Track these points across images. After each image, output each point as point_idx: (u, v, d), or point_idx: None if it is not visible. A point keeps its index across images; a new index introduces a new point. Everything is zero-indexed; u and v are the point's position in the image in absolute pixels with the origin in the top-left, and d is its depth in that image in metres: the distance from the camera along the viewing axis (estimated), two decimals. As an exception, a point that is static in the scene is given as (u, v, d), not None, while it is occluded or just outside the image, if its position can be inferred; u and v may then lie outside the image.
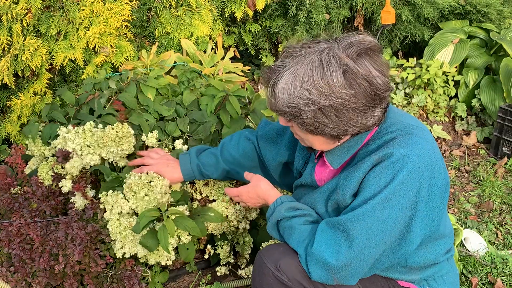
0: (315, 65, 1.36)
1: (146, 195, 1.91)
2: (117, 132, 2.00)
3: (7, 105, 2.88)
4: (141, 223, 1.86)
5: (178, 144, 2.17)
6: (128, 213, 1.94)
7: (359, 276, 1.46)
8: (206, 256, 2.22)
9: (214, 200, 2.20)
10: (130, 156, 2.12)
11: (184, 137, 2.24)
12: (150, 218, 1.87)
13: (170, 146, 2.21)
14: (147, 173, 1.95)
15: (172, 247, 1.92)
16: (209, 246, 2.21)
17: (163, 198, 1.95)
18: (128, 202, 1.91)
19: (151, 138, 2.11)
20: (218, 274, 2.20)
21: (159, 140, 2.19)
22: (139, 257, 1.94)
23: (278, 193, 1.69)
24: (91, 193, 2.05)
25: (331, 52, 1.37)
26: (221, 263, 2.22)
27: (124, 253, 1.90)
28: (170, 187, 2.01)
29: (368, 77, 1.36)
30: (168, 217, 1.90)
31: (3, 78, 2.60)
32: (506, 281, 2.37)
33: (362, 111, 1.39)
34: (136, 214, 1.92)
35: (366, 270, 1.46)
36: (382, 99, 1.41)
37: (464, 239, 2.58)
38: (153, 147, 2.12)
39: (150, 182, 1.93)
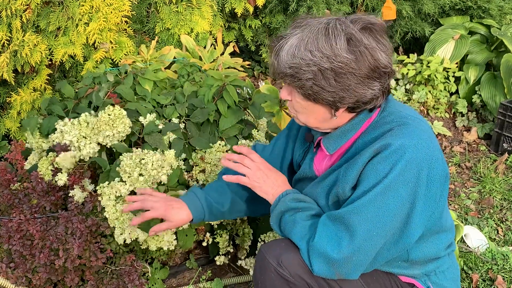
0: (321, 30, 1.41)
1: (140, 174, 1.90)
2: (109, 115, 2.00)
3: (7, 101, 2.88)
4: None
5: (175, 120, 2.17)
6: (124, 200, 1.94)
7: (361, 270, 1.45)
8: (204, 244, 2.20)
9: None
10: (126, 141, 2.12)
11: (182, 120, 2.23)
12: None
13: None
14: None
15: (171, 231, 1.91)
16: (208, 234, 2.20)
17: (159, 174, 1.93)
18: (125, 184, 1.90)
19: (149, 118, 2.11)
20: (217, 263, 2.19)
21: (157, 125, 2.18)
22: (140, 242, 1.93)
23: (289, 186, 1.69)
24: (90, 187, 2.05)
25: (338, 21, 1.43)
26: (220, 253, 2.22)
27: (125, 239, 1.90)
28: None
29: (371, 49, 1.40)
30: None
31: (2, 74, 2.60)
32: (506, 277, 2.37)
33: (361, 79, 1.41)
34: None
35: (368, 263, 1.45)
36: (381, 75, 1.44)
37: (464, 235, 2.58)
38: (152, 131, 2.10)
39: (141, 160, 1.92)
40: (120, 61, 2.89)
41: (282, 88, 1.55)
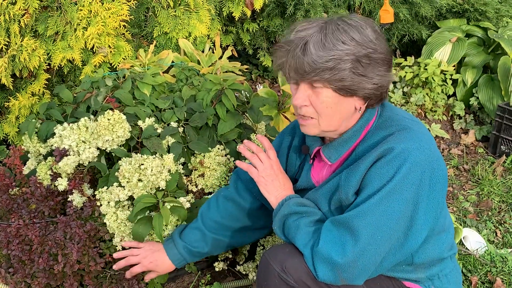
0: (341, 22, 1.44)
1: (140, 180, 1.90)
2: (108, 119, 2.01)
3: (5, 106, 2.87)
4: (135, 209, 1.85)
5: (174, 124, 2.17)
6: (123, 206, 1.95)
7: (366, 274, 1.44)
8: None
9: (210, 193, 2.19)
10: (124, 146, 2.13)
11: (180, 124, 2.24)
12: (145, 205, 1.87)
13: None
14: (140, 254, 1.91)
15: (171, 230, 1.93)
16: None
17: (158, 179, 1.93)
18: (124, 189, 1.90)
19: (148, 122, 2.11)
20: (216, 269, 2.19)
21: (155, 129, 2.18)
22: None
23: (293, 193, 1.68)
24: (89, 191, 2.05)
25: (352, 15, 1.48)
26: (219, 258, 2.22)
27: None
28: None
29: (383, 37, 1.47)
30: (164, 204, 1.89)
31: (1, 79, 2.60)
32: (505, 279, 2.37)
33: (386, 63, 1.46)
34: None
35: (373, 268, 1.44)
36: (391, 63, 1.50)
37: (463, 238, 2.58)
38: (151, 135, 2.10)
39: (140, 165, 1.92)
40: (118, 66, 2.89)
41: (297, 93, 1.48)
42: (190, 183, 2.21)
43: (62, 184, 2.00)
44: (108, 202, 1.93)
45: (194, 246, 1.87)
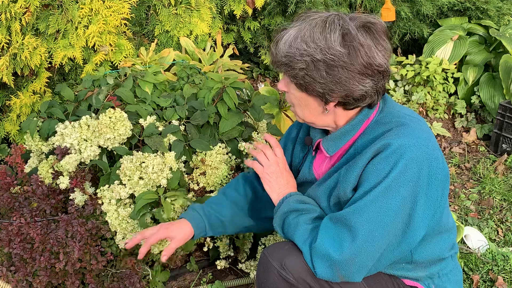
0: (319, 23, 1.45)
1: (141, 178, 1.90)
2: (110, 118, 2.01)
3: (6, 104, 2.87)
4: (137, 205, 1.85)
5: (175, 122, 2.18)
6: (124, 204, 1.95)
7: (364, 271, 1.45)
8: (205, 249, 2.21)
9: (211, 191, 2.19)
10: (126, 144, 2.12)
11: (182, 122, 2.24)
12: (146, 201, 1.87)
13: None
14: (162, 242, 1.81)
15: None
16: (208, 239, 2.21)
17: (159, 177, 1.93)
18: (125, 187, 1.90)
19: (149, 120, 2.11)
20: (218, 267, 2.19)
21: (157, 127, 2.18)
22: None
23: (296, 190, 1.69)
24: (90, 190, 2.05)
25: (338, 16, 1.46)
26: (221, 257, 2.22)
27: (127, 243, 1.91)
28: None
29: (366, 46, 1.42)
30: (165, 198, 1.89)
31: (2, 77, 2.60)
32: (507, 278, 2.37)
33: (352, 74, 1.43)
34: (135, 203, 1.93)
35: (371, 265, 1.45)
36: (375, 73, 1.45)
37: (465, 236, 2.58)
38: (152, 133, 2.10)
39: (141, 163, 1.92)
40: (119, 64, 2.89)
41: (280, 80, 1.58)
42: (192, 182, 2.21)
43: (63, 182, 2.01)
44: (110, 200, 1.93)
45: (214, 210, 1.82)
